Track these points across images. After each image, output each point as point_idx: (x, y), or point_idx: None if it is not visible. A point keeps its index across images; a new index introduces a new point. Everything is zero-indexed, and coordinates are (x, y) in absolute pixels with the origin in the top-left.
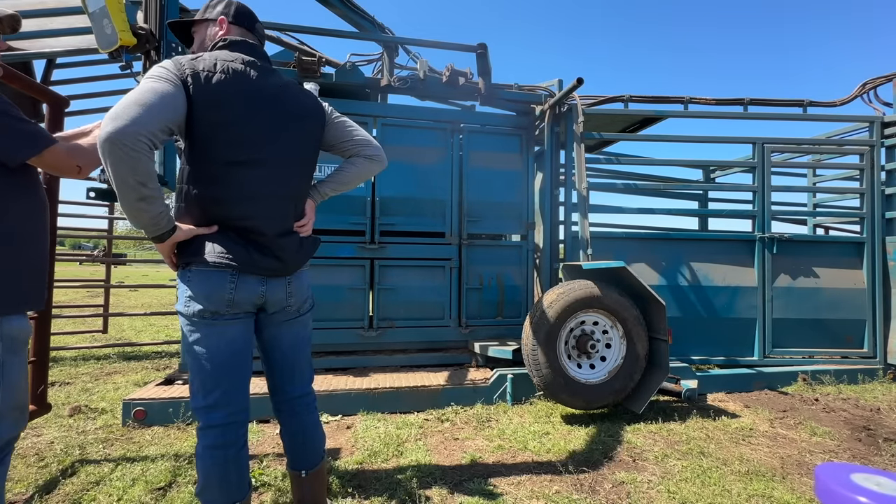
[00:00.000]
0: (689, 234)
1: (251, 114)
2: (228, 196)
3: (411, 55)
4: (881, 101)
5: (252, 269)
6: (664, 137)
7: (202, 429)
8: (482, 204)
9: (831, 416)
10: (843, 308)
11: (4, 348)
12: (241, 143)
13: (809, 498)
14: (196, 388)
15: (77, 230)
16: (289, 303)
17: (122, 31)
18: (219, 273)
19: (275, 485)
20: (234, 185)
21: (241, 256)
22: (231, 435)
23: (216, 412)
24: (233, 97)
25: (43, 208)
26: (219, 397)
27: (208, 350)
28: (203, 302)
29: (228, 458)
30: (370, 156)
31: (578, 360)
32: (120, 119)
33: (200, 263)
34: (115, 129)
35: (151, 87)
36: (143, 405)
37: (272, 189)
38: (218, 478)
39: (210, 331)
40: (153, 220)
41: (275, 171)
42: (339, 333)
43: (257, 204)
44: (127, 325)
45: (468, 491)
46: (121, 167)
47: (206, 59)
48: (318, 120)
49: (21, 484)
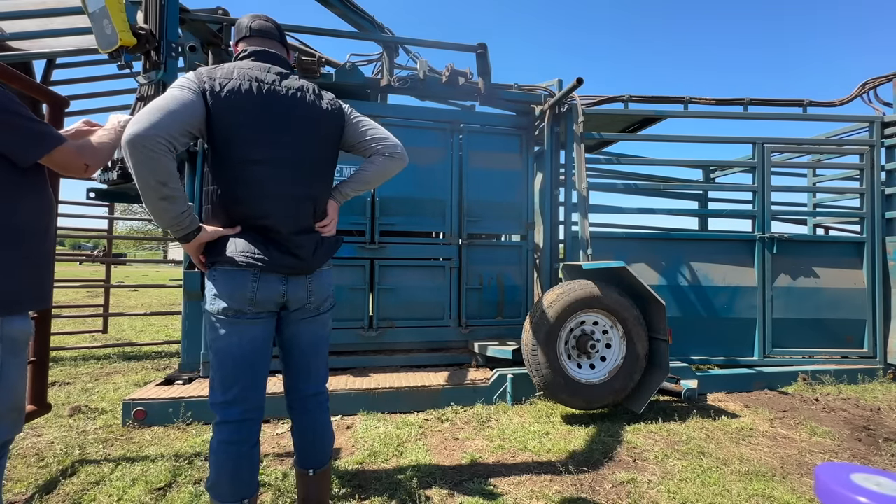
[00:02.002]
0: (689, 234)
1: (267, 116)
2: (247, 195)
3: (411, 55)
4: (881, 101)
5: (273, 267)
6: (664, 137)
7: (218, 424)
8: (482, 204)
9: (831, 416)
10: (843, 308)
11: (4, 349)
12: (257, 143)
13: (809, 498)
14: (216, 383)
15: (77, 230)
16: (309, 300)
17: (122, 31)
18: (241, 272)
19: (275, 485)
20: (253, 185)
21: (263, 255)
22: (245, 432)
23: (233, 408)
24: (248, 101)
25: (50, 207)
26: (237, 394)
27: (229, 347)
28: (227, 300)
29: (242, 454)
30: (390, 154)
31: (578, 360)
32: (140, 123)
33: (224, 262)
34: (136, 133)
35: (173, 94)
36: (143, 405)
37: (288, 188)
38: (230, 473)
39: (232, 329)
40: (176, 219)
41: (291, 170)
42: (339, 333)
43: (274, 202)
44: (127, 325)
45: (468, 491)
46: (142, 168)
47: (224, 68)
48: (335, 121)
49: (21, 484)
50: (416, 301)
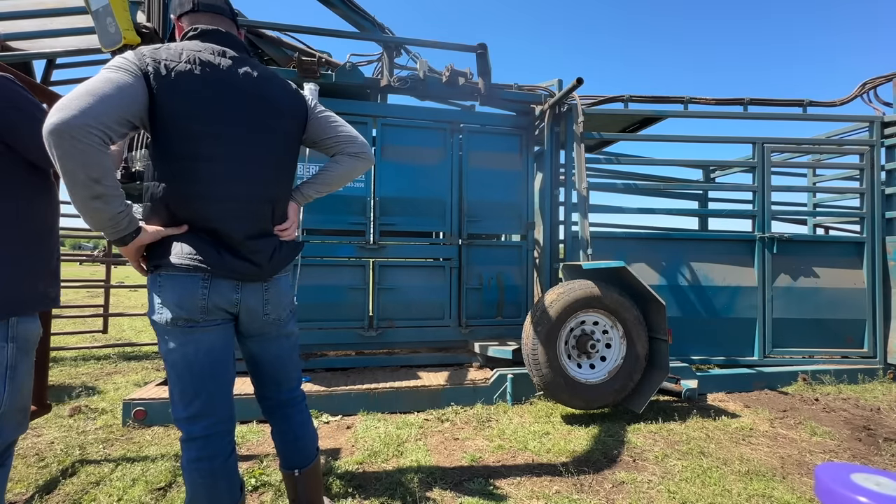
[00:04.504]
0: (689, 234)
1: (218, 107)
2: (193, 193)
3: (411, 55)
4: (881, 101)
5: (225, 272)
6: (664, 137)
7: (185, 441)
8: (482, 204)
9: (831, 415)
10: (843, 308)
11: (18, 349)
12: (207, 137)
13: (809, 498)
14: (176, 398)
15: (77, 230)
16: (266, 311)
17: (125, 29)
18: (189, 277)
19: (275, 485)
20: (200, 183)
21: (213, 258)
22: (215, 446)
23: (198, 423)
24: (198, 89)
25: (58, 206)
26: (200, 408)
27: (185, 359)
28: (174, 309)
29: (215, 469)
30: (355, 153)
31: (578, 360)
32: (67, 110)
33: (170, 267)
34: (61, 121)
35: (108, 76)
36: (143, 405)
37: (242, 188)
38: (206, 489)
39: (186, 339)
40: (111, 220)
41: (244, 168)
42: (339, 333)
43: (224, 204)
44: (127, 325)
45: (468, 491)
46: (68, 161)
47: (170, 49)
48: (297, 115)
49: (21, 484)
50: (416, 301)
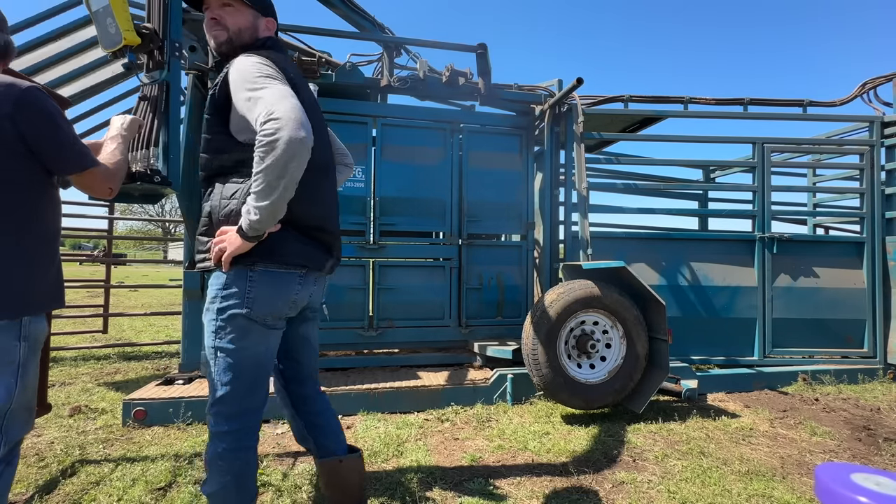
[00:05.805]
0: (689, 234)
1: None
2: (309, 196)
3: (411, 55)
4: (881, 101)
5: (320, 267)
6: (664, 137)
7: (229, 432)
8: (482, 204)
9: (831, 415)
10: (843, 308)
11: (28, 349)
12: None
13: (809, 498)
14: (225, 392)
15: (77, 230)
16: (322, 300)
17: (126, 30)
18: (288, 274)
19: (275, 485)
20: (310, 185)
21: (312, 256)
22: (251, 437)
23: (241, 418)
24: (307, 97)
25: (60, 207)
26: (252, 403)
27: (255, 357)
28: (268, 305)
29: (250, 460)
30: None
31: (578, 360)
32: (306, 125)
33: (270, 263)
34: (308, 136)
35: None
36: (143, 405)
37: (334, 187)
38: (241, 479)
39: (261, 337)
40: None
41: (332, 170)
42: (339, 333)
43: (330, 203)
44: (127, 325)
45: (468, 491)
46: (297, 171)
47: (279, 58)
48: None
49: (21, 484)
50: (416, 301)
